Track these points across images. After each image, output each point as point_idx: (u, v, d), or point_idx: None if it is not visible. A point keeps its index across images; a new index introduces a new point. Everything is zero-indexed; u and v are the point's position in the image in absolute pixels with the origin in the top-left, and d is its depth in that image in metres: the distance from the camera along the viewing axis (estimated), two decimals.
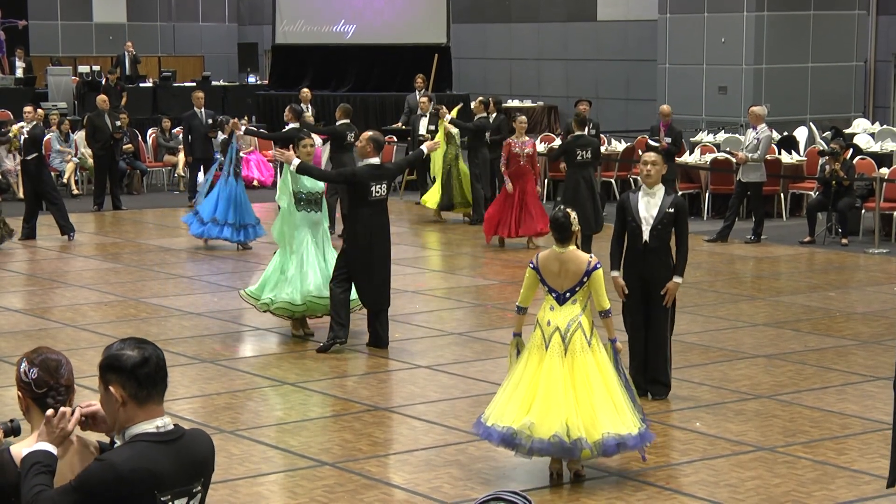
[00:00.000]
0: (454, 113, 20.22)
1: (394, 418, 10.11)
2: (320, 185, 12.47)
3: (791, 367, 11.31)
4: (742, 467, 8.67)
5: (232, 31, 42.40)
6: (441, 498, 8.11)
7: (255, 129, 21.28)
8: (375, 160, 11.90)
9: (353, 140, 17.04)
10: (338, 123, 18.52)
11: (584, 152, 16.56)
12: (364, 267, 11.78)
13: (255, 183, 23.59)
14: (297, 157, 11.93)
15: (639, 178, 10.38)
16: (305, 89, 25.07)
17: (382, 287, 11.94)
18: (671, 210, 9.72)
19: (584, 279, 8.31)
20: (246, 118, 21.97)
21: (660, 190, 9.72)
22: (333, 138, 18.59)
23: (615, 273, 10.01)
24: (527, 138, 17.95)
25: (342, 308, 11.78)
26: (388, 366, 11.60)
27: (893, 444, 7.45)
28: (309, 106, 23.86)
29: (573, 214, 8.45)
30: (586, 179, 16.36)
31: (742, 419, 9.78)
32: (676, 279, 9.85)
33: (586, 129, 17.16)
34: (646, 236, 9.81)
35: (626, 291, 9.94)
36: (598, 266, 8.37)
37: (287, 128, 17.73)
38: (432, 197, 20.17)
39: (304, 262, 12.20)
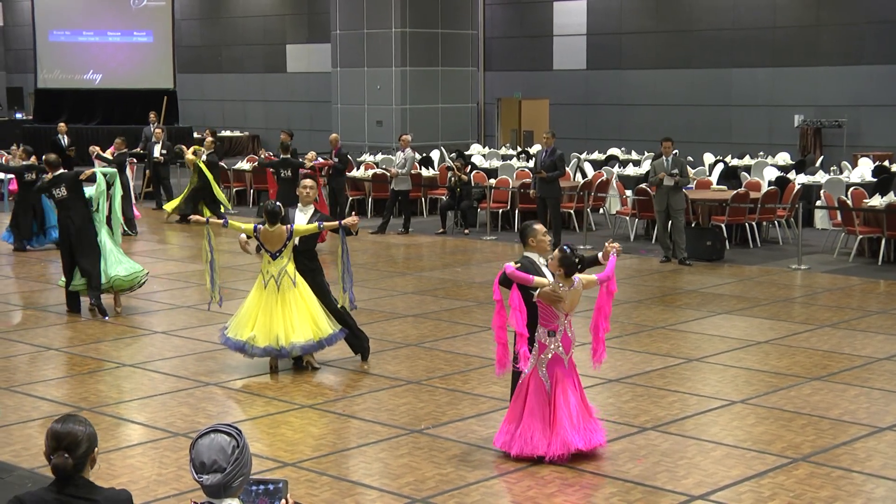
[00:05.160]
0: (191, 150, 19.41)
1: (137, 372, 9.69)
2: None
3: (431, 323, 11.48)
4: (397, 396, 8.73)
5: (0, 78, 40.70)
6: (175, 430, 7.84)
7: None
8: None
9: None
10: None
11: (286, 171, 16.29)
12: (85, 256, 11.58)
13: None
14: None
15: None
16: (62, 123, 23.92)
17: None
18: (314, 220, 9.55)
19: (287, 242, 9.22)
20: (15, 145, 20.71)
21: (310, 208, 9.65)
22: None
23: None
24: None
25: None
26: (134, 332, 11.13)
27: (512, 383, 7.37)
28: (65, 136, 22.72)
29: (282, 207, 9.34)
30: (291, 189, 16.05)
31: (397, 361, 9.86)
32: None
33: (289, 153, 16.93)
34: (296, 241, 9.56)
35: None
36: (292, 229, 9.24)
37: (22, 164, 16.95)
38: (171, 204, 19.34)
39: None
